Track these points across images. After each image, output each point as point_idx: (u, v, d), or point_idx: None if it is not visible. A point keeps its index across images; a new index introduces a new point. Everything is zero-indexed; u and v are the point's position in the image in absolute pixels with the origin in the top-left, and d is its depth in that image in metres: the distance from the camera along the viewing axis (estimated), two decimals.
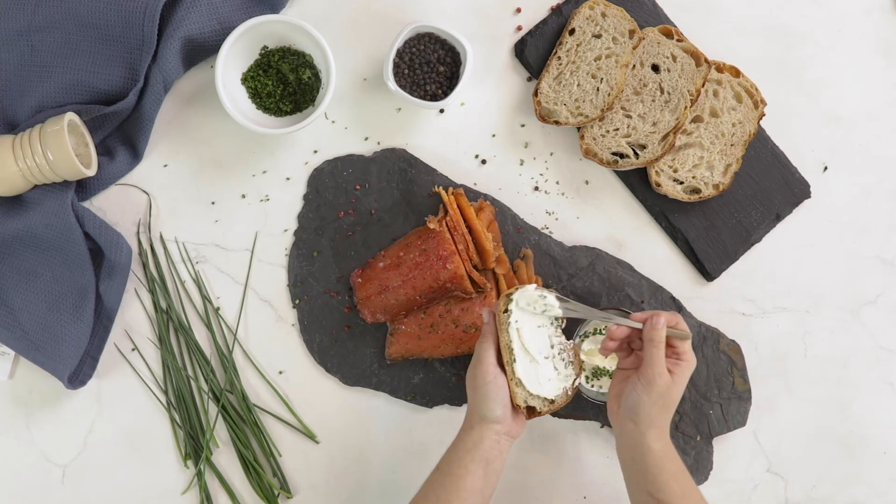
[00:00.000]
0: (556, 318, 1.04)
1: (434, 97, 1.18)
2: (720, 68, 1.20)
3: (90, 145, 1.15)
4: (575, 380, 1.04)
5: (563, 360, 1.04)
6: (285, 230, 1.21)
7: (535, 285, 1.04)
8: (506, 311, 1.02)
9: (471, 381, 1.03)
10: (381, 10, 1.22)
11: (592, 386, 1.16)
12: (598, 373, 1.16)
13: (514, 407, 1.02)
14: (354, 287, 1.19)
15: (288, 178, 1.21)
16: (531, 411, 1.03)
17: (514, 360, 1.01)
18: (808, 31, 1.26)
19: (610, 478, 1.21)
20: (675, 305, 1.21)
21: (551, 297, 1.03)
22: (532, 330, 1.02)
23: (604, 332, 1.16)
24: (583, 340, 1.16)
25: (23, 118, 1.16)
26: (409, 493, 1.18)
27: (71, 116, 1.11)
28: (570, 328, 1.18)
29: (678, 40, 1.20)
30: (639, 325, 1.03)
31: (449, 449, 1.04)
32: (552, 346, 1.04)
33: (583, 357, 1.15)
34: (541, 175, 1.23)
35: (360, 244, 1.20)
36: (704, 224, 1.22)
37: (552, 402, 1.03)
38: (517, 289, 1.03)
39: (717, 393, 1.20)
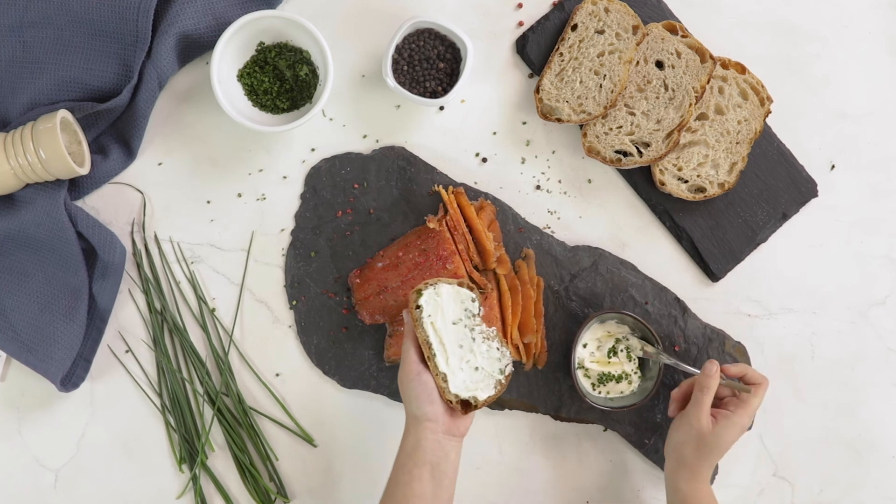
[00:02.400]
0: (474, 304, 1.02)
1: (434, 94, 1.17)
2: (725, 65, 1.20)
3: (83, 143, 1.15)
4: (508, 365, 1.02)
5: (489, 347, 1.02)
6: (282, 230, 1.20)
7: (449, 280, 1.03)
8: (417, 307, 1.01)
9: (400, 383, 1.02)
10: (379, 5, 1.21)
11: (599, 392, 1.16)
12: (603, 379, 1.15)
13: (447, 404, 1.00)
14: (353, 288, 1.18)
15: (285, 177, 1.21)
16: (466, 405, 1.01)
17: (434, 354, 1.00)
18: (814, 28, 1.26)
19: (613, 483, 1.21)
20: (680, 306, 1.20)
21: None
22: (448, 322, 1.01)
23: (602, 339, 1.16)
24: (585, 346, 1.16)
25: (14, 116, 1.16)
26: None
27: (63, 114, 1.11)
28: (570, 334, 1.16)
29: (682, 36, 1.19)
30: (696, 371, 1.08)
31: (394, 461, 1.02)
32: (473, 338, 1.02)
33: (589, 364, 1.15)
34: (542, 173, 1.22)
35: (359, 244, 1.19)
36: (709, 223, 1.21)
37: (486, 393, 1.01)
38: (426, 284, 1.02)
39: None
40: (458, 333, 1.01)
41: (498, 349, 1.02)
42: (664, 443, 1.18)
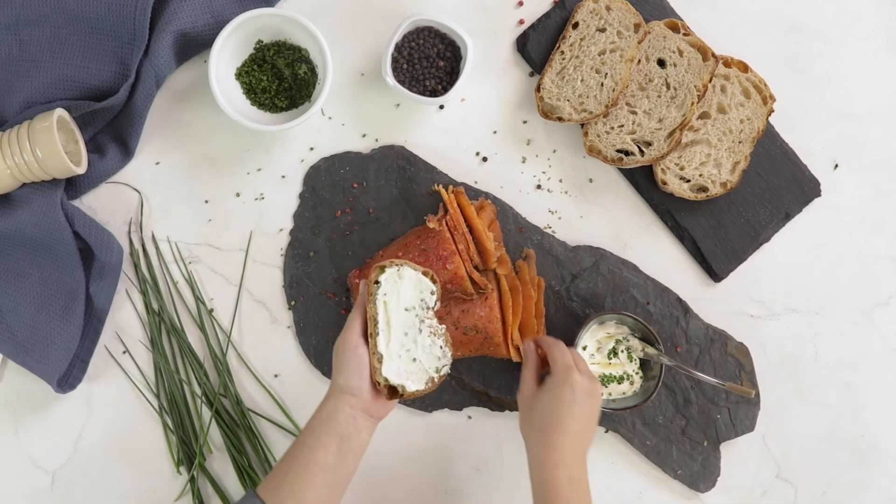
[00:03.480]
0: (432, 297, 1.01)
1: (434, 93, 1.17)
2: (728, 63, 1.19)
3: (80, 142, 1.14)
4: (445, 366, 1.01)
5: (433, 343, 1.01)
6: (281, 230, 1.20)
7: (415, 266, 1.02)
8: (376, 282, 1.00)
9: (335, 349, 1.01)
10: (379, 3, 1.21)
11: (601, 394, 1.14)
12: (604, 380, 1.15)
13: (374, 384, 0.99)
14: (352, 288, 1.17)
15: (283, 176, 1.20)
16: (392, 392, 1.00)
17: (378, 333, 0.99)
18: (817, 26, 1.25)
19: (614, 484, 1.20)
20: (682, 307, 1.20)
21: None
22: (401, 306, 1.00)
23: (602, 340, 1.16)
24: (584, 349, 1.16)
25: (11, 114, 1.15)
26: (408, 499, 1.17)
27: (60, 112, 1.11)
28: (571, 335, 1.16)
29: (685, 34, 1.19)
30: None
31: (308, 420, 1.01)
32: (420, 329, 1.01)
33: (589, 366, 1.14)
34: (543, 173, 1.22)
35: (358, 244, 1.19)
36: (712, 223, 1.20)
37: (415, 385, 1.00)
38: (392, 262, 1.01)
39: (725, 397, 1.19)
40: (407, 320, 1.01)
41: (441, 348, 1.02)
42: (664, 443, 1.17)
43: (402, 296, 1.01)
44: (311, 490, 0.96)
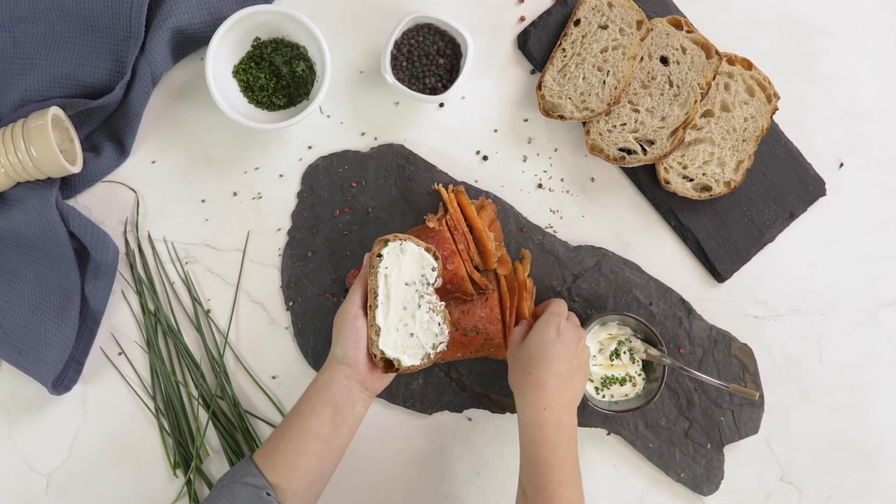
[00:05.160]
0: (433, 273, 1.03)
1: (433, 91, 1.17)
2: (731, 60, 1.19)
3: (75, 141, 1.14)
4: (442, 343, 1.02)
5: (431, 319, 1.02)
6: (278, 229, 1.19)
7: (418, 242, 1.03)
8: (379, 255, 1.02)
9: (335, 319, 1.03)
10: None
11: (603, 396, 1.15)
12: (606, 382, 1.15)
13: (371, 356, 1.01)
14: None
15: (281, 175, 1.20)
16: (388, 365, 1.01)
17: (377, 306, 1.01)
18: (822, 23, 1.25)
19: (616, 487, 1.20)
20: (685, 307, 1.19)
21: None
22: (401, 281, 1.02)
23: (604, 342, 1.15)
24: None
25: (5, 113, 1.15)
26: (408, 502, 1.16)
27: (55, 111, 1.11)
28: None
29: (688, 31, 1.18)
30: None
31: (305, 389, 1.03)
32: (419, 304, 1.02)
33: (591, 368, 1.14)
34: (544, 172, 1.21)
35: (357, 244, 1.18)
36: (715, 223, 1.20)
37: (411, 360, 1.01)
38: (395, 236, 1.02)
39: (729, 399, 1.19)
40: (406, 295, 1.02)
41: (439, 325, 1.02)
42: (667, 445, 1.17)
43: (404, 270, 1.02)
44: (303, 457, 0.98)
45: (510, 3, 1.22)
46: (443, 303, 1.03)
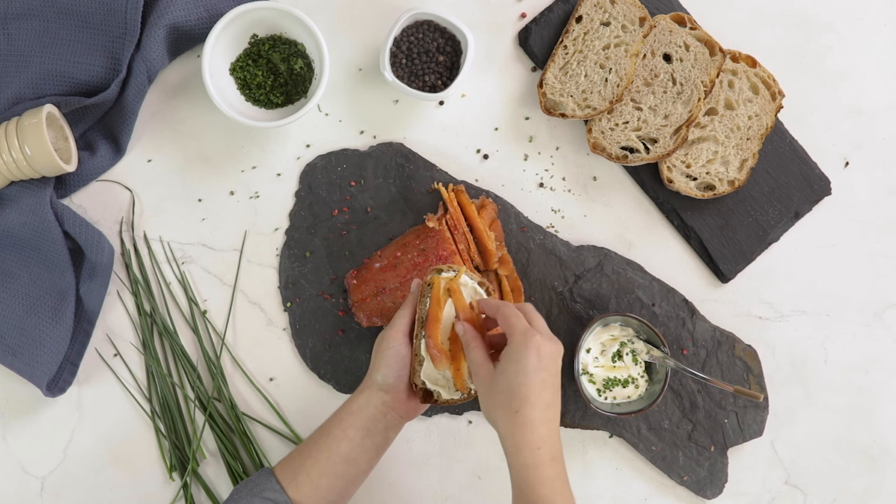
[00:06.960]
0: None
1: (433, 88, 1.16)
2: (735, 58, 1.19)
3: (70, 139, 1.14)
4: None
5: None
6: (276, 229, 1.19)
7: (472, 275, 1.01)
8: (430, 284, 0.99)
9: (376, 344, 1.01)
10: None
11: (605, 398, 1.15)
12: (608, 384, 1.14)
13: (411, 386, 0.99)
14: (349, 289, 1.16)
15: (279, 174, 1.19)
16: (427, 396, 0.99)
17: (423, 336, 0.98)
18: (828, 19, 1.24)
19: (618, 490, 1.19)
20: (688, 308, 1.19)
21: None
22: (451, 314, 0.99)
23: (606, 343, 1.15)
24: (588, 352, 1.14)
25: None
26: None
27: (49, 109, 1.10)
28: (574, 337, 1.15)
29: (691, 28, 1.18)
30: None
31: (336, 410, 1.02)
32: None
33: (593, 369, 1.14)
34: (546, 171, 1.21)
35: (356, 244, 1.18)
36: (719, 222, 1.19)
37: (450, 395, 0.99)
38: (450, 267, 1.00)
39: (733, 401, 1.18)
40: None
41: None
42: (670, 448, 1.16)
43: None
44: (329, 479, 0.97)
45: None
46: None
